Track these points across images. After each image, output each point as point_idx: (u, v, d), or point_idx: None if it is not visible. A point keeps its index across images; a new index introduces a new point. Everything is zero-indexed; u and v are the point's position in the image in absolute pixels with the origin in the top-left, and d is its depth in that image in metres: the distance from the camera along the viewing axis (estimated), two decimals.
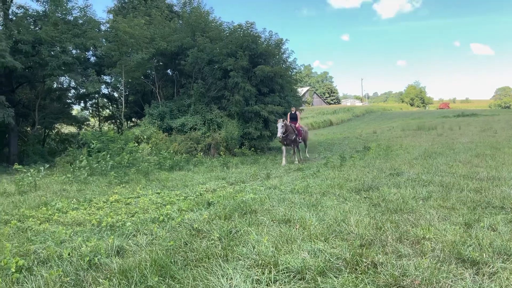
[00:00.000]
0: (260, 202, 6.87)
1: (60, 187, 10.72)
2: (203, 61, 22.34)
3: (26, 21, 23.79)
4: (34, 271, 4.07)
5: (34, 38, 21.93)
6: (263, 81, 21.43)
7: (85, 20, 25.13)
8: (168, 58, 24.54)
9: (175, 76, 26.39)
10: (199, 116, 21.89)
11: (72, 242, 5.07)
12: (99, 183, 11.35)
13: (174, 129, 21.58)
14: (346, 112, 69.47)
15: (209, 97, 22.65)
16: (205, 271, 3.87)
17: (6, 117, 19.89)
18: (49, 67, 21.74)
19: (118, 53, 22.32)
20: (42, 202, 8.36)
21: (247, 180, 11.18)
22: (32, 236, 5.57)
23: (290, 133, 15.76)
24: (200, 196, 8.44)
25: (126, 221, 6.17)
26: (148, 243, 4.94)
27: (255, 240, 4.65)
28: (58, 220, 6.67)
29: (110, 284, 3.64)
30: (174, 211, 6.74)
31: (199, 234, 5.19)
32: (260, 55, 22.02)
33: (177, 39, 22.97)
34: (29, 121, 27.32)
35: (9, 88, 23.90)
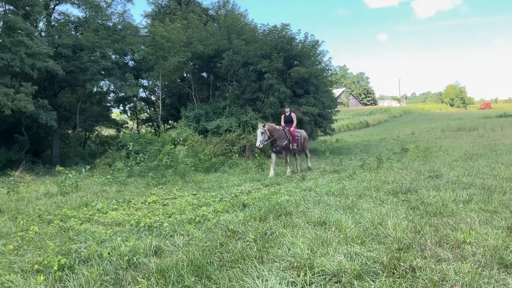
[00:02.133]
0: (295, 204, 6.86)
1: (100, 188, 11.04)
2: (238, 64, 22.49)
3: (67, 27, 24.64)
4: (75, 269, 4.21)
5: (75, 43, 22.68)
6: (298, 83, 21.36)
7: (123, 26, 25.81)
8: (204, 61, 24.85)
9: (210, 78, 26.69)
10: (234, 118, 22.04)
11: (112, 241, 5.21)
12: (138, 185, 11.62)
13: (210, 131, 21.81)
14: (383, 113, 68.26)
15: (244, 99, 22.77)
16: (241, 272, 3.89)
17: (49, 120, 20.66)
18: (90, 72, 22.45)
19: (156, 57, 22.78)
20: (83, 202, 8.63)
21: (282, 182, 11.18)
22: (73, 236, 5.77)
23: (280, 138, 13.41)
24: (235, 198, 8.50)
25: (163, 221, 6.29)
26: (184, 243, 5.02)
27: (290, 242, 4.64)
28: (98, 220, 6.88)
29: (149, 283, 3.72)
30: (210, 212, 6.82)
31: (235, 235, 5.23)
32: (295, 57, 21.97)
33: (213, 42, 23.23)
34: (70, 124, 28.29)
35: (52, 92, 24.85)
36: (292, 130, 13.96)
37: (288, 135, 13.65)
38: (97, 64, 22.53)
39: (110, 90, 28.68)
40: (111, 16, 26.17)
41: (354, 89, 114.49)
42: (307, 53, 22.29)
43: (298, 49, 21.87)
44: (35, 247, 5.31)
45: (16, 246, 5.31)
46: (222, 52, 22.81)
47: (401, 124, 53.94)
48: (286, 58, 21.47)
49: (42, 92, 23.24)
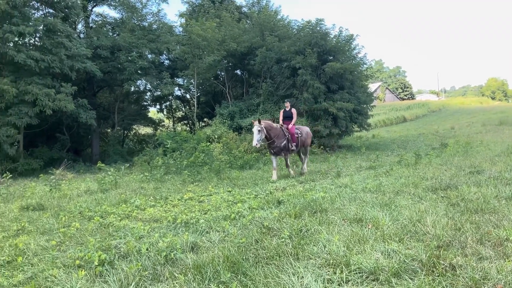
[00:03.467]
0: (331, 201, 6.79)
1: (138, 185, 11.29)
2: (271, 60, 22.47)
3: (104, 29, 25.29)
4: (115, 264, 4.32)
5: (112, 44, 23.27)
6: (332, 78, 21.12)
7: (159, 25, 26.26)
8: (238, 58, 24.96)
9: (244, 76, 26.79)
10: (268, 115, 22.02)
11: (150, 237, 5.32)
12: (174, 182, 11.81)
13: (244, 128, 21.89)
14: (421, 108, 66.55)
15: (277, 96, 22.73)
16: (276, 269, 3.89)
17: (88, 119, 21.31)
18: (127, 72, 22.99)
19: (191, 55, 23.06)
20: (122, 199, 8.85)
21: (317, 179, 11.10)
22: (113, 232, 5.92)
23: (278, 137, 11.69)
24: (270, 195, 8.50)
25: (199, 218, 6.36)
26: (220, 240, 5.06)
27: (326, 239, 4.60)
28: (137, 216, 7.03)
29: (186, 279, 3.78)
30: (245, 209, 6.85)
31: (270, 232, 5.24)
32: (329, 52, 21.74)
33: (246, 40, 23.30)
34: (109, 123, 29.07)
35: (91, 92, 25.60)
36: (290, 127, 12.28)
37: (287, 134, 11.99)
38: (134, 64, 23.04)
39: (147, 89, 29.28)
40: (146, 16, 26.71)
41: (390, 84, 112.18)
42: (342, 48, 21.99)
43: (333, 44, 21.62)
44: (77, 242, 5.48)
45: (59, 242, 5.50)
46: (255, 49, 22.84)
47: (440, 118, 52.47)
48: (320, 53, 21.27)
49: (81, 92, 23.97)
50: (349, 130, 23.03)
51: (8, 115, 17.97)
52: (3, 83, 17.34)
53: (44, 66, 18.62)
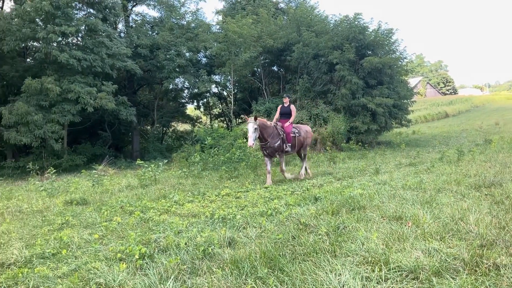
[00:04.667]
0: (369, 198, 6.68)
1: (177, 181, 11.48)
2: (308, 56, 22.30)
3: (144, 28, 25.84)
4: (155, 258, 4.41)
5: (152, 43, 23.75)
6: (370, 73, 20.76)
7: (197, 24, 26.59)
8: (274, 55, 24.91)
9: (280, 72, 26.71)
10: (305, 111, 21.90)
11: (188, 232, 5.39)
12: (211, 178, 11.93)
13: None
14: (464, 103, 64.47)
15: (314, 92, 22.56)
16: (313, 266, 3.86)
17: (128, 116, 21.87)
18: (166, 70, 23.43)
19: (228, 52, 23.20)
20: (161, 194, 9.03)
21: (354, 176, 10.94)
22: (153, 226, 6.04)
23: (272, 137, 10.30)
24: (307, 191, 8.45)
25: (236, 214, 6.40)
26: (257, 235, 5.07)
27: (364, 236, 4.53)
28: (176, 211, 7.15)
29: (223, 273, 3.81)
30: (281, 206, 6.84)
31: (307, 228, 5.20)
32: (367, 46, 21.38)
33: (283, 36, 23.21)
34: (149, 120, 29.72)
35: (131, 90, 26.24)
36: (287, 126, 10.79)
37: (282, 133, 10.55)
38: (173, 62, 23.46)
39: (185, 86, 29.72)
40: (185, 14, 27.10)
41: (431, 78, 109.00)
42: (381, 42, 21.56)
43: (371, 39, 21.23)
44: (118, 236, 5.63)
45: (101, 236, 5.66)
46: (292, 45, 22.72)
47: (483, 114, 50.62)
48: (358, 48, 20.95)
49: (122, 90, 24.60)
50: (388, 126, 22.59)
51: (52, 112, 18.68)
52: (47, 82, 18.02)
53: (86, 65, 19.23)
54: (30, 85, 18.05)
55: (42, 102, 18.34)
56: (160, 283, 3.68)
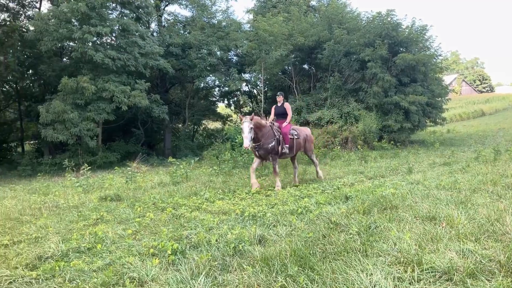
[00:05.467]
0: (402, 198, 6.57)
1: (208, 179, 11.60)
2: (339, 54, 22.09)
3: (176, 27, 26.21)
4: (186, 254, 4.47)
5: (184, 42, 24.06)
6: (403, 71, 20.40)
7: (227, 22, 26.76)
8: (305, 52, 24.79)
9: (311, 70, 26.56)
10: (335, 110, 21.71)
11: (219, 229, 5.45)
12: (242, 176, 12.00)
13: (311, 123, 21.74)
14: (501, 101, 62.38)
15: (345, 90, 22.34)
16: (344, 265, 3.84)
17: (161, 113, 22.26)
18: (197, 69, 23.70)
19: (258, 51, 23.24)
20: (193, 192, 9.14)
21: (386, 175, 10.79)
22: (184, 223, 6.13)
23: (266, 137, 9.36)
24: (338, 190, 8.39)
25: (266, 212, 6.42)
26: (287, 233, 5.08)
27: (396, 236, 4.47)
28: (206, 208, 7.23)
29: (253, 270, 3.84)
30: (312, 204, 6.81)
31: (337, 227, 5.17)
32: (400, 43, 21.02)
33: (314, 33, 23.06)
34: (180, 119, 30.13)
35: (163, 88, 26.66)
36: (284, 126, 9.93)
37: (277, 134, 9.63)
38: (204, 61, 23.70)
39: (216, 85, 29.94)
40: (216, 13, 27.30)
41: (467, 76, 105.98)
42: (414, 39, 21.14)
43: (404, 35, 20.84)
44: (151, 232, 5.74)
45: (134, 231, 5.79)
46: (323, 43, 22.55)
47: None
48: (390, 45, 20.61)
49: (155, 89, 25.02)
50: (422, 125, 22.16)
51: (87, 111, 19.17)
52: (83, 81, 18.50)
53: (120, 64, 19.65)
54: (66, 84, 18.57)
55: (78, 100, 18.84)
56: (191, 279, 3.73)
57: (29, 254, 4.79)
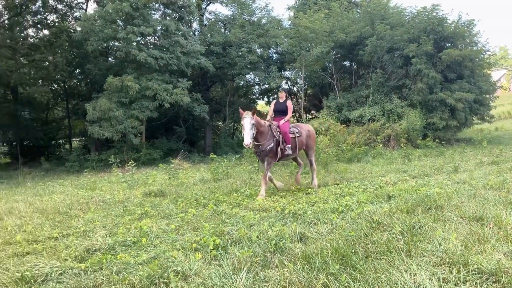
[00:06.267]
0: (447, 197, 6.40)
1: (248, 176, 11.69)
2: (382, 50, 21.66)
3: (217, 26, 26.51)
4: (228, 249, 4.55)
5: (224, 40, 24.32)
6: (449, 67, 19.76)
7: (267, 20, 26.81)
8: (346, 49, 24.46)
9: (353, 67, 26.20)
10: (377, 107, 21.30)
11: (260, 226, 5.50)
12: (282, 173, 12.01)
13: (352, 120, 21.46)
14: None
15: (388, 87, 21.87)
16: (387, 264, 3.79)
17: (202, 112, 22.61)
18: (237, 67, 23.89)
19: (299, 48, 23.14)
20: (233, 188, 9.24)
21: (431, 174, 10.51)
22: (225, 219, 6.22)
23: (264, 137, 8.52)
24: (380, 189, 8.26)
25: (307, 209, 6.41)
26: (328, 232, 5.06)
27: (441, 237, 4.36)
28: (247, 205, 7.30)
29: (295, 267, 3.85)
30: (353, 203, 6.74)
31: (380, 226, 5.10)
32: (446, 39, 20.38)
33: (355, 30, 22.72)
34: (220, 116, 30.49)
35: (205, 87, 27.04)
36: (283, 124, 8.98)
37: (276, 134, 8.72)
38: (244, 59, 23.85)
39: (256, 82, 30.06)
40: (255, 11, 27.40)
41: None
42: (461, 34, 20.40)
43: (451, 30, 20.18)
44: (193, 227, 5.86)
45: (177, 226, 5.93)
46: (365, 39, 22.17)
47: None
48: (436, 40, 20.01)
49: (196, 87, 25.41)
50: (469, 123, 21.39)
51: (132, 109, 19.72)
52: (127, 80, 19.03)
53: (162, 63, 20.09)
54: (111, 83, 19.16)
55: (122, 99, 19.40)
56: (233, 274, 3.79)
57: (78, 247, 5.01)
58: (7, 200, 9.89)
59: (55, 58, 23.31)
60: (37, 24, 25.13)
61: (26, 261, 4.55)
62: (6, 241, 5.60)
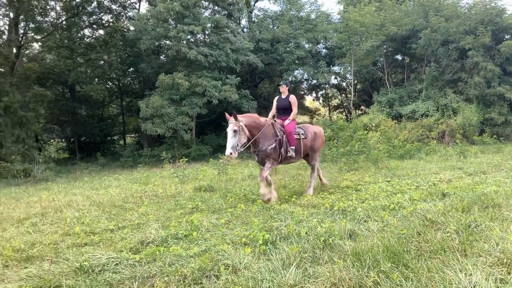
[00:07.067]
0: (505, 196, 6.10)
1: (296, 172, 11.68)
2: (436, 43, 20.92)
3: (265, 22, 26.58)
4: (277, 245, 4.57)
5: (272, 36, 24.35)
6: (509, 59, 18.84)
7: (316, 15, 26.58)
8: (398, 42, 23.82)
9: (405, 61, 25.49)
10: (431, 102, 20.62)
11: (309, 222, 5.48)
12: (330, 170, 11.90)
13: (404, 116, 20.91)
14: None
15: (443, 81, 21.11)
16: (441, 264, 3.68)
17: (250, 109, 22.82)
18: (285, 63, 23.85)
19: (348, 42, 22.80)
20: (281, 184, 9.26)
21: (488, 171, 10.06)
22: (274, 214, 6.24)
23: (265, 138, 7.51)
24: (434, 186, 7.99)
25: (356, 206, 6.32)
26: (379, 229, 4.96)
27: (499, 236, 4.18)
28: (295, 201, 7.29)
29: (344, 264, 3.82)
30: (405, 200, 6.57)
31: (433, 225, 4.95)
32: (505, 30, 19.44)
33: (408, 22, 22.07)
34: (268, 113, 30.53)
35: (253, 83, 27.22)
36: (288, 124, 7.94)
37: (280, 134, 7.72)
38: (292, 55, 23.79)
39: (304, 78, 29.90)
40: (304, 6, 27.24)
41: None
42: None
43: (510, 21, 19.19)
44: (242, 222, 5.93)
45: (227, 221, 6.02)
46: (418, 32, 21.49)
47: None
48: (494, 32, 19.11)
49: (244, 84, 25.63)
50: None
51: (182, 105, 20.20)
52: (178, 77, 19.50)
53: (212, 60, 20.41)
54: (163, 81, 19.69)
55: (173, 96, 19.90)
56: (283, 269, 3.81)
57: (132, 239, 5.20)
58: (66, 193, 10.42)
59: (110, 57, 24.24)
60: (93, 24, 26.25)
61: (84, 251, 4.78)
62: (65, 232, 5.90)
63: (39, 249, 5.07)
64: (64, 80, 24.49)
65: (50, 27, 23.85)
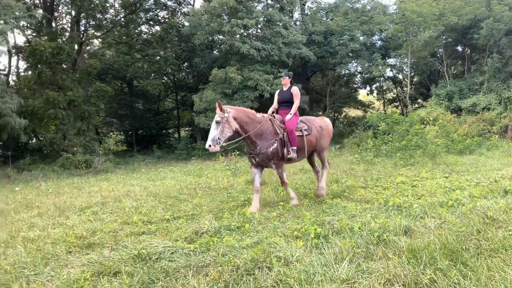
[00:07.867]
0: None
1: (349, 167, 11.50)
2: (499, 33, 19.84)
3: (318, 14, 26.29)
4: (329, 239, 4.53)
5: (326, 29, 24.03)
6: None
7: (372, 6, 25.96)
8: (458, 33, 22.81)
9: (465, 52, 24.38)
10: (493, 95, 19.62)
11: (362, 217, 5.39)
12: (384, 164, 11.62)
13: (464, 109, 20.05)
14: None
15: (506, 73, 20.01)
16: (502, 263, 3.52)
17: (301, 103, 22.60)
18: (339, 56, 23.49)
19: (405, 34, 22.11)
20: (334, 179, 9.15)
21: None
22: (326, 209, 6.19)
23: (262, 136, 6.60)
24: (495, 183, 7.61)
25: (412, 202, 6.14)
26: (436, 226, 4.81)
27: None
28: (348, 196, 7.19)
29: (399, 260, 3.73)
30: (464, 197, 6.31)
31: (494, 223, 4.73)
32: None
33: (469, 12, 21.06)
34: (320, 106, 30.27)
35: (305, 76, 27.05)
36: (288, 119, 7.00)
37: (281, 131, 6.80)
38: (346, 47, 23.39)
39: (357, 71, 29.34)
40: None
41: None
42: None
43: None
44: (294, 216, 5.93)
45: (278, 214, 6.04)
46: (480, 21, 20.47)
47: None
48: None
49: (296, 77, 25.44)
50: None
51: (234, 99, 20.42)
52: (231, 72, 19.73)
53: (264, 54, 20.48)
54: (216, 75, 19.99)
55: (226, 90, 20.16)
56: (335, 263, 3.78)
57: (187, 229, 5.34)
58: (125, 184, 10.87)
59: (166, 52, 24.91)
60: (150, 21, 27.07)
61: (142, 240, 4.97)
62: (124, 221, 6.16)
63: (99, 236, 5.33)
64: (122, 75, 25.42)
65: (110, 24, 24.82)
